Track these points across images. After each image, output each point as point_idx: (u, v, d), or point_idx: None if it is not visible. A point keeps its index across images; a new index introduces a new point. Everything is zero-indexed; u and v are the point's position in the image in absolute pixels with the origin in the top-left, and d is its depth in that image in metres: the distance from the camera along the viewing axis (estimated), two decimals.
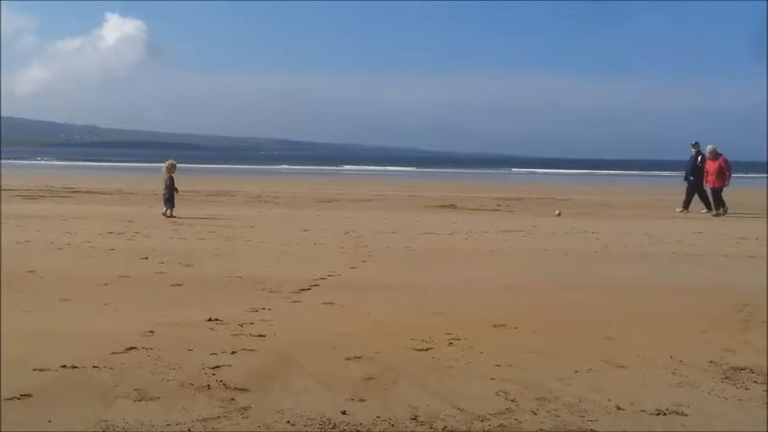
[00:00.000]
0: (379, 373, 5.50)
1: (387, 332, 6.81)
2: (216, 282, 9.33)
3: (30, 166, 66.24)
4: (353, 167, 79.09)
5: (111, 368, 5.51)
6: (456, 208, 23.09)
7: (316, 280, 9.48)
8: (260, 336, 6.58)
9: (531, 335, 6.91)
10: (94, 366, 5.52)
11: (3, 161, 73.06)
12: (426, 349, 6.26)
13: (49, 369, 5.45)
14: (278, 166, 79.06)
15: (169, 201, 18.02)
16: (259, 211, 20.62)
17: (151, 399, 4.86)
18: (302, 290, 8.85)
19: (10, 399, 4.79)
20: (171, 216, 17.61)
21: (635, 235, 15.75)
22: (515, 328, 7.14)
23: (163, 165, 19.23)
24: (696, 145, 23.45)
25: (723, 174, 22.39)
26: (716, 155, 22.69)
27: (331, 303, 8.12)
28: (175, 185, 18.23)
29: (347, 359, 5.88)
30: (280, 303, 8.08)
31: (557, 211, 20.70)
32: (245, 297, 8.33)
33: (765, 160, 74.01)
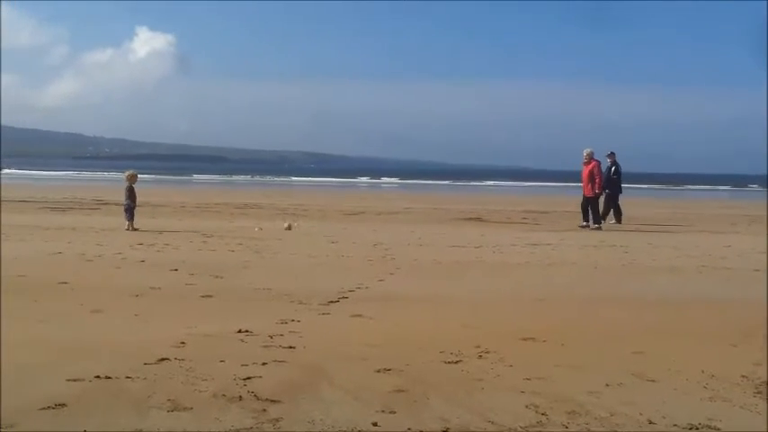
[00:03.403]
0: (409, 386, 5.51)
1: (416, 345, 6.82)
2: (245, 293, 9.40)
3: (59, 177, 67.14)
4: (379, 180, 79.22)
5: (145, 379, 5.56)
6: (482, 221, 23.08)
7: (344, 292, 9.52)
8: (290, 347, 6.62)
9: (560, 348, 6.89)
10: (128, 377, 5.58)
11: (30, 173, 74.00)
12: (456, 362, 6.26)
13: (83, 379, 5.50)
14: (304, 179, 79.38)
15: (129, 212, 17.57)
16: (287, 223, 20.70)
17: (184, 409, 4.90)
18: (331, 302, 8.90)
19: (44, 408, 4.85)
20: (134, 229, 17.12)
21: (663, 248, 15.65)
22: (544, 341, 7.13)
23: (124, 175, 19.06)
24: (612, 155, 22.67)
25: (594, 180, 20.85)
26: (589, 160, 21.24)
27: (360, 315, 8.15)
28: (135, 197, 17.90)
29: (377, 371, 5.90)
30: (309, 315, 8.12)
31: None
32: (275, 309, 8.38)
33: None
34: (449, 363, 6.24)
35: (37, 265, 11.37)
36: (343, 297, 9.24)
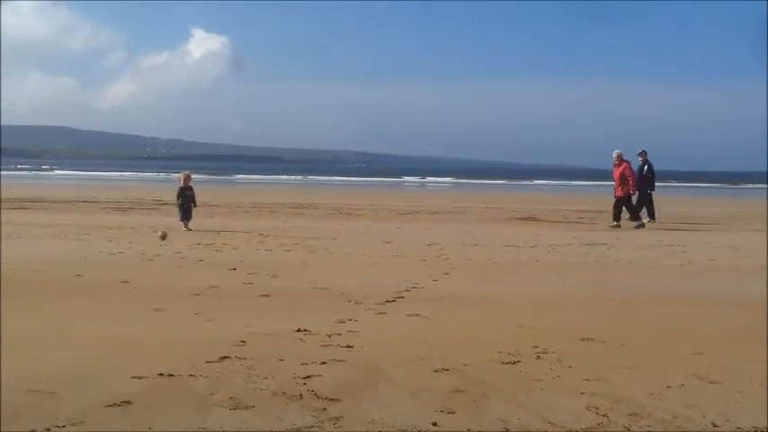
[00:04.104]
0: (467, 386, 5.51)
1: (473, 345, 6.82)
2: (302, 293, 9.50)
3: (119, 178, 68.52)
4: (433, 179, 79.11)
5: (207, 376, 5.66)
6: (537, 220, 22.92)
7: (400, 292, 9.55)
8: (348, 347, 6.67)
9: (619, 349, 6.82)
10: (190, 375, 5.68)
11: (88, 173, 75.61)
12: (514, 362, 6.24)
13: (146, 377, 5.61)
14: (357, 179, 79.67)
15: (183, 212, 17.84)
16: (341, 223, 20.85)
17: (246, 407, 4.98)
18: (387, 301, 8.94)
19: (111, 405, 4.96)
20: (188, 229, 17.33)
21: (722, 248, 15.37)
22: (603, 341, 7.06)
23: (179, 175, 19.22)
24: (643, 153, 22.55)
25: (627, 182, 21.19)
26: (619, 162, 21.54)
27: (416, 315, 8.17)
28: (193, 197, 18.15)
29: (435, 371, 5.91)
30: (365, 315, 8.17)
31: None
32: (332, 308, 8.45)
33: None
34: (507, 363, 6.22)
35: (99, 265, 11.64)
36: (399, 297, 9.27)
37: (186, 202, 17.95)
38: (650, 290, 10.31)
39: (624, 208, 21.23)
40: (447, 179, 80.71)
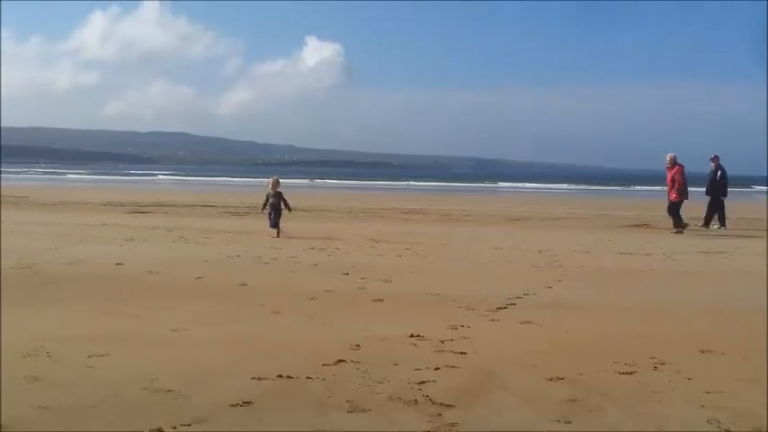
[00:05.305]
0: (583, 395, 5.47)
1: (588, 353, 6.75)
2: (414, 298, 9.58)
3: (236, 183, 70.64)
4: (542, 185, 78.02)
5: (324, 379, 5.81)
6: (650, 227, 22.26)
7: (512, 299, 9.51)
8: (461, 353, 6.71)
9: (741, 361, 6.62)
10: (308, 377, 5.84)
11: (208, 179, 78.16)
12: (630, 372, 6.15)
13: (266, 378, 5.80)
14: (466, 184, 79.43)
15: (272, 218, 17.55)
16: (450, 228, 20.87)
17: (363, 411, 5.08)
18: (499, 308, 8.92)
19: (233, 405, 5.15)
20: (277, 236, 16.97)
21: None
22: (723, 353, 6.86)
23: (268, 180, 18.96)
24: (715, 158, 21.71)
25: (674, 186, 20.64)
26: (672, 165, 20.90)
27: (529, 322, 8.13)
28: (286, 201, 17.85)
29: (549, 379, 5.89)
30: (478, 321, 8.19)
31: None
32: (444, 314, 8.50)
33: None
34: (623, 373, 6.13)
35: (218, 268, 12.05)
36: (511, 303, 9.24)
37: (272, 208, 17.72)
38: None
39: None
40: (555, 185, 79.43)
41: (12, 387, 5.47)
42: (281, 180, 19.20)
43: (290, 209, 18.06)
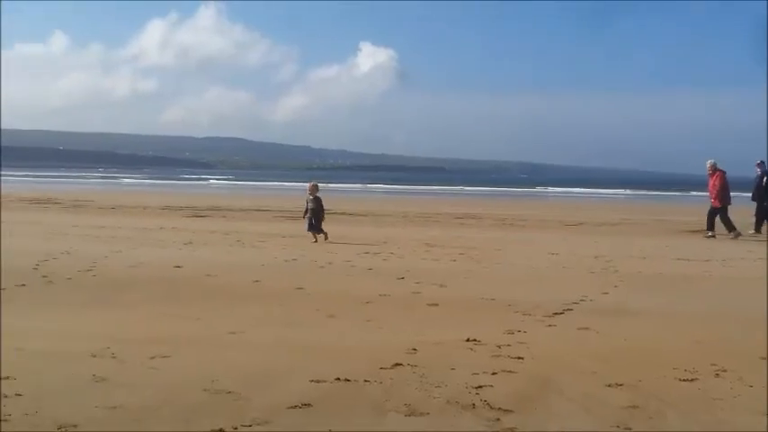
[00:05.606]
0: (642, 402, 5.42)
1: (647, 360, 6.68)
2: (470, 303, 9.57)
3: (289, 188, 71.19)
4: (596, 190, 77.06)
5: (381, 383, 5.85)
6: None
7: (568, 304, 9.45)
8: (518, 358, 6.69)
9: None
10: (365, 380, 5.88)
11: (263, 184, 78.90)
12: (691, 379, 6.07)
13: (324, 381, 5.86)
14: (519, 189, 78.86)
15: (311, 223, 17.46)
16: (505, 233, 20.77)
17: (420, 414, 5.10)
18: (555, 314, 8.87)
19: (293, 407, 5.21)
20: (315, 241, 16.99)
21: None
22: None
23: (307, 185, 18.92)
24: (761, 164, 21.07)
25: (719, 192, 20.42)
26: (713, 171, 20.72)
27: (586, 328, 8.07)
28: (322, 207, 17.73)
29: (608, 386, 5.84)
30: (534, 326, 8.16)
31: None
32: (500, 319, 8.48)
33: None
34: (683, 380, 6.06)
35: (275, 271, 12.19)
36: (568, 309, 9.18)
37: (311, 213, 17.61)
38: None
39: (719, 218, 20.47)
40: (613, 190, 78.40)
41: (81, 387, 5.63)
42: (325, 185, 19.24)
43: (323, 216, 17.82)
